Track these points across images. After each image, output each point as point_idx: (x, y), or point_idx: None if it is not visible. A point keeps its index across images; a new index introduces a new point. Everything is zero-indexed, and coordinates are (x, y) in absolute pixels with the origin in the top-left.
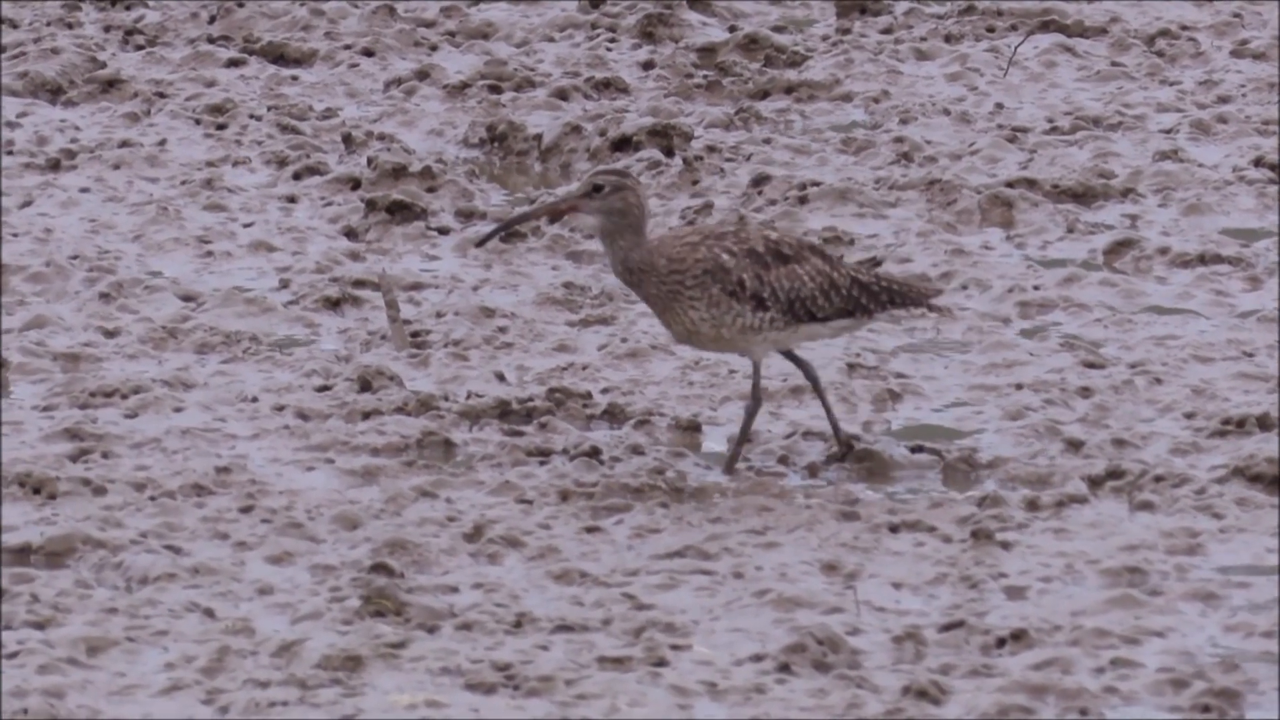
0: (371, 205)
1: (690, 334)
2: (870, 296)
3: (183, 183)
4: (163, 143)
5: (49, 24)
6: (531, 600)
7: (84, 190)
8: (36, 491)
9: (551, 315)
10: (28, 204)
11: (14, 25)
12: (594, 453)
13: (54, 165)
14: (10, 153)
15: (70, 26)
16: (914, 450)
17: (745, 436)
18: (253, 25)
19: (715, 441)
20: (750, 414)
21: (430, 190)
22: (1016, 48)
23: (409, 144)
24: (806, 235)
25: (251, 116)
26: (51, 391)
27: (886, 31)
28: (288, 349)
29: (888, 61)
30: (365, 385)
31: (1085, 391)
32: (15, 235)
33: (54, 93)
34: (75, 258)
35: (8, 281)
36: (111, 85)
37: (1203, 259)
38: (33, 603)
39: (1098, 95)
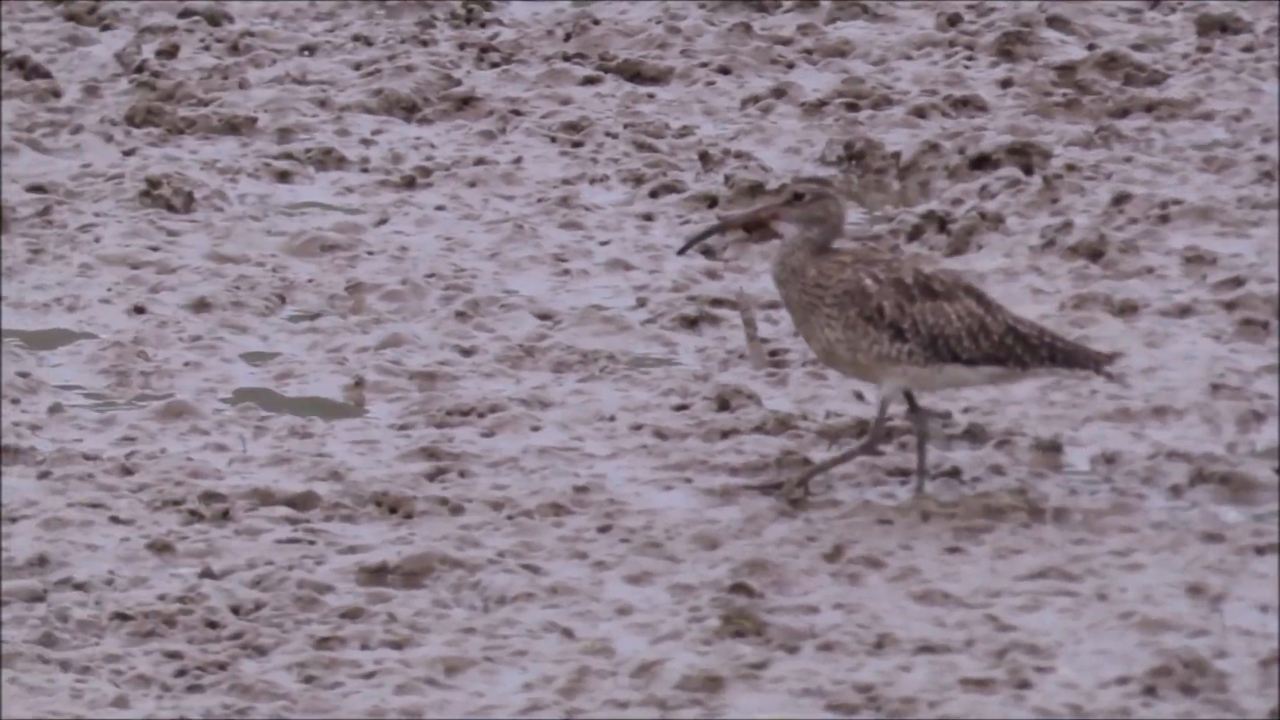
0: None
1: (828, 354)
2: (1028, 349)
3: (539, 200)
4: (518, 160)
5: (403, 41)
6: (893, 621)
7: (439, 208)
8: (393, 511)
9: None
10: (383, 222)
11: (368, 42)
12: (954, 473)
13: (409, 183)
14: (366, 170)
15: (425, 44)
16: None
17: (924, 462)
18: (608, 42)
19: (1078, 461)
20: (922, 439)
21: None
22: None
23: (766, 162)
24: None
25: (607, 134)
26: (408, 410)
27: (1247, 50)
28: (645, 368)
29: (1249, 80)
30: (723, 404)
31: None
32: (371, 253)
33: (409, 110)
34: (431, 276)
35: (364, 299)
36: (466, 103)
37: None
38: (390, 622)
39: None
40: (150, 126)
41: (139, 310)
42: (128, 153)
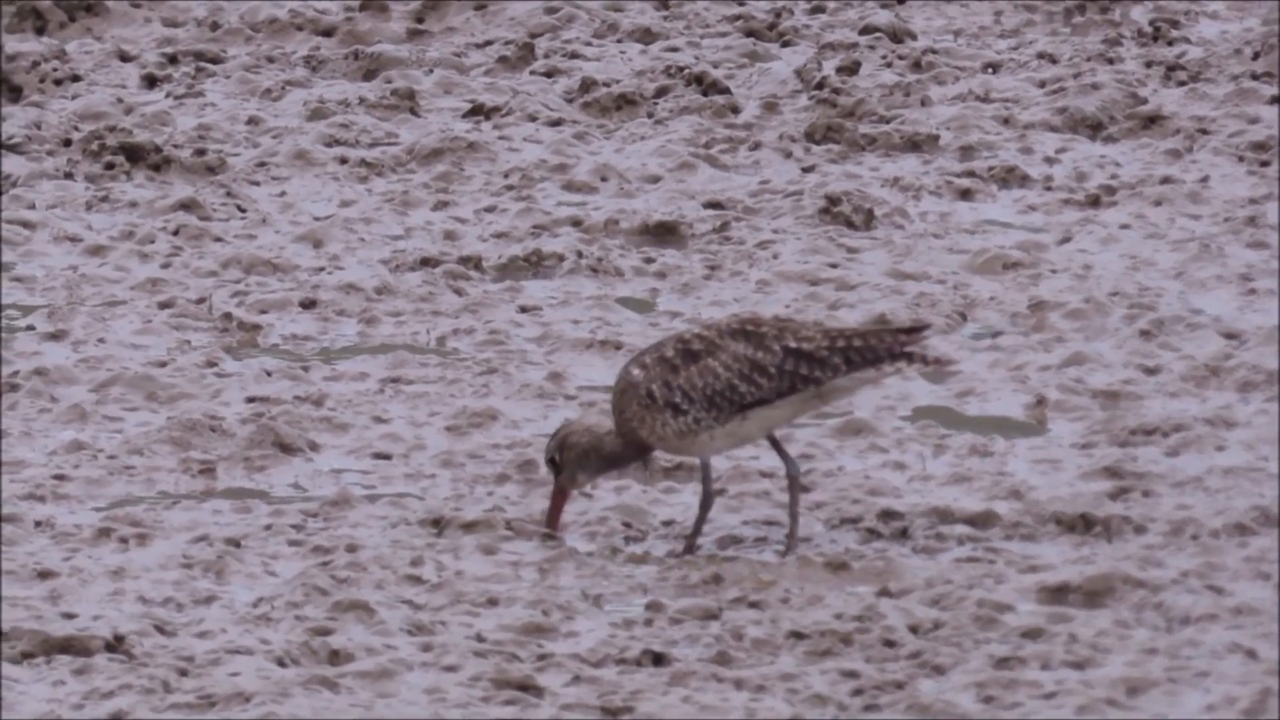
0: None
1: (662, 447)
2: (816, 365)
3: (1225, 220)
4: (1205, 179)
5: (1089, 59)
6: None
7: (1124, 227)
8: (1074, 530)
9: None
10: (1066, 240)
11: (1053, 60)
12: None
13: (1093, 201)
14: (1049, 188)
15: (1110, 62)
16: None
17: (698, 528)
18: None
19: None
20: (703, 507)
21: None
22: None
23: None
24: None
25: None
26: (1090, 429)
27: None
28: None
29: None
30: None
31: None
32: (1054, 271)
33: (1093, 128)
34: (1114, 294)
35: (1046, 317)
36: (1152, 121)
37: None
38: (1071, 642)
39: None
40: (830, 143)
41: None
42: (807, 169)
